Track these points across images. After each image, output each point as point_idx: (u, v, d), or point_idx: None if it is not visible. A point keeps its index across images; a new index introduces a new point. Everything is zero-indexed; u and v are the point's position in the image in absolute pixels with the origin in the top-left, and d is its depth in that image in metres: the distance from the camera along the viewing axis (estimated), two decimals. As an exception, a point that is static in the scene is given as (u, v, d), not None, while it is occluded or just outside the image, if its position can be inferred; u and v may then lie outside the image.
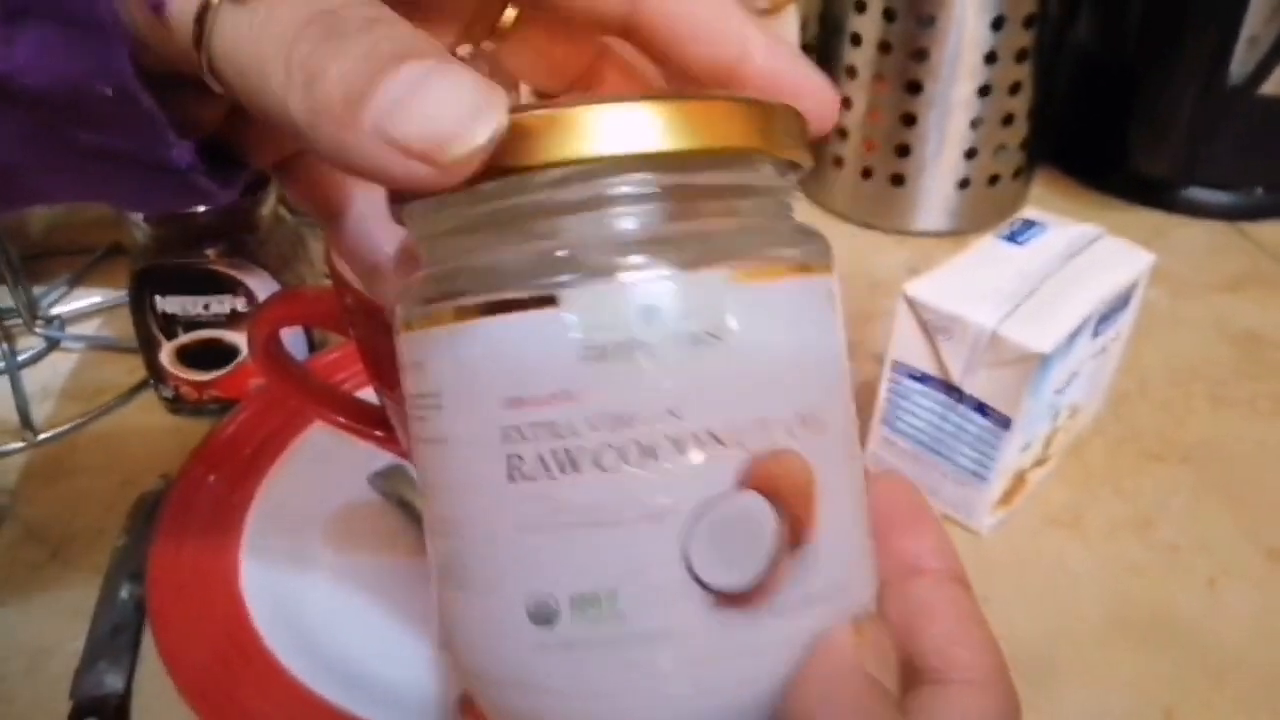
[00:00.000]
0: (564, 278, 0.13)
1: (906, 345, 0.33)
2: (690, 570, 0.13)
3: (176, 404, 0.38)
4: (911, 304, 0.32)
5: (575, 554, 0.13)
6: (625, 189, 0.13)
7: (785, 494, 0.13)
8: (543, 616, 0.13)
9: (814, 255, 0.15)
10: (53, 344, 0.42)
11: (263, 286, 0.36)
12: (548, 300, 0.13)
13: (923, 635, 0.15)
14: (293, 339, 0.37)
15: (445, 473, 0.14)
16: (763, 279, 0.14)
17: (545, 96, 0.21)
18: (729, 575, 0.13)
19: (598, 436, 0.13)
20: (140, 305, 0.36)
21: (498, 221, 0.14)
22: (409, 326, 0.14)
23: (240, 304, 0.36)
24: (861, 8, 0.49)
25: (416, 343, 0.14)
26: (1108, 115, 0.55)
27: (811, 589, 0.14)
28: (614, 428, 0.13)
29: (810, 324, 0.14)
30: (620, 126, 0.13)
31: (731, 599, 0.13)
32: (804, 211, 0.55)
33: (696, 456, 0.13)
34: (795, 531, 0.14)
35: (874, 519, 0.16)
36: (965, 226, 0.52)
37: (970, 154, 0.50)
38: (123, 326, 0.40)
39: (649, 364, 0.13)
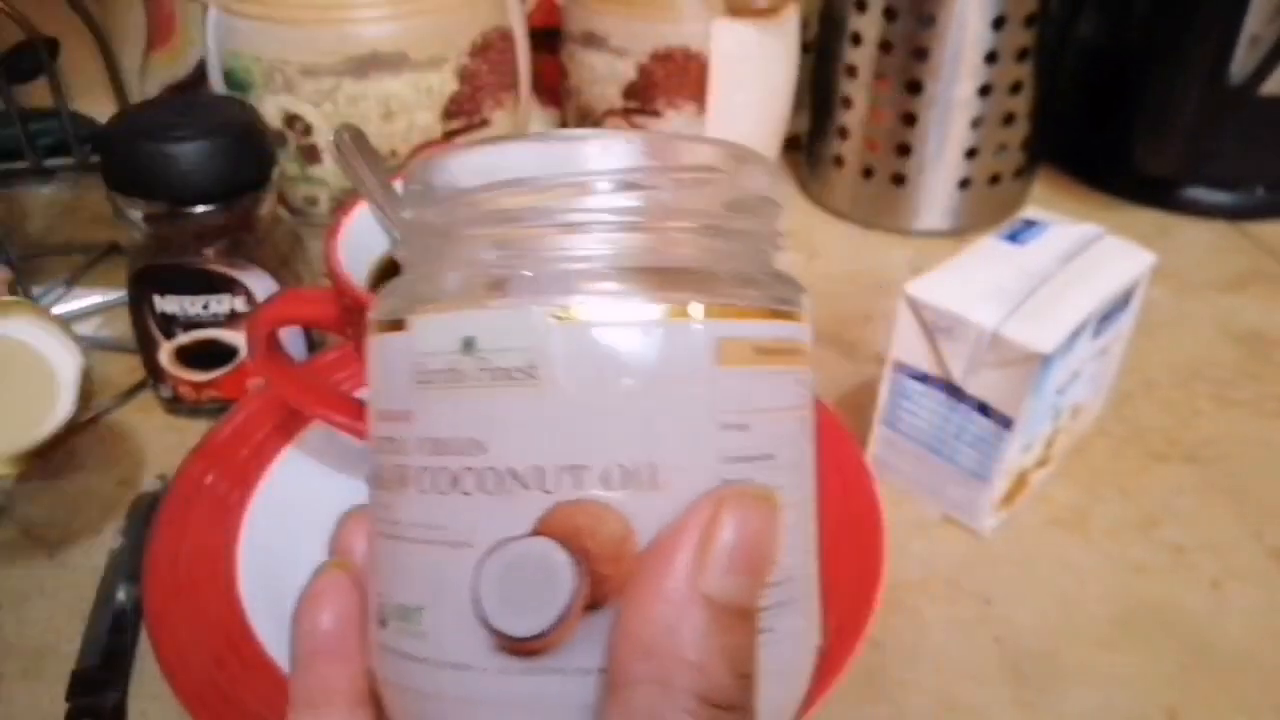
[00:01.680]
0: (417, 304, 0.14)
1: (907, 345, 0.32)
2: (477, 606, 0.13)
3: (175, 404, 0.38)
4: (912, 304, 0.32)
5: (399, 566, 0.14)
6: (465, 219, 0.14)
7: (590, 549, 0.12)
8: (378, 618, 0.14)
9: (697, 292, 0.13)
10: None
11: (261, 286, 0.36)
12: (401, 324, 0.14)
13: None
14: (291, 339, 0.37)
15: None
16: (600, 321, 0.13)
17: None
18: (512, 621, 0.13)
19: (419, 459, 0.13)
20: (139, 305, 0.36)
21: (408, 255, 0.15)
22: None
23: (239, 304, 0.36)
24: (862, 7, 0.49)
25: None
26: (1109, 115, 0.55)
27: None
28: (431, 453, 0.13)
29: (662, 374, 0.13)
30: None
31: (516, 646, 0.13)
32: (805, 212, 0.55)
33: (496, 494, 0.13)
34: (598, 591, 0.13)
35: None
36: (966, 226, 0.52)
37: (971, 153, 0.50)
38: (121, 326, 0.40)
39: (463, 394, 0.13)
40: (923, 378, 0.33)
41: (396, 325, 0.14)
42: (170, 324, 0.36)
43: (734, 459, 0.13)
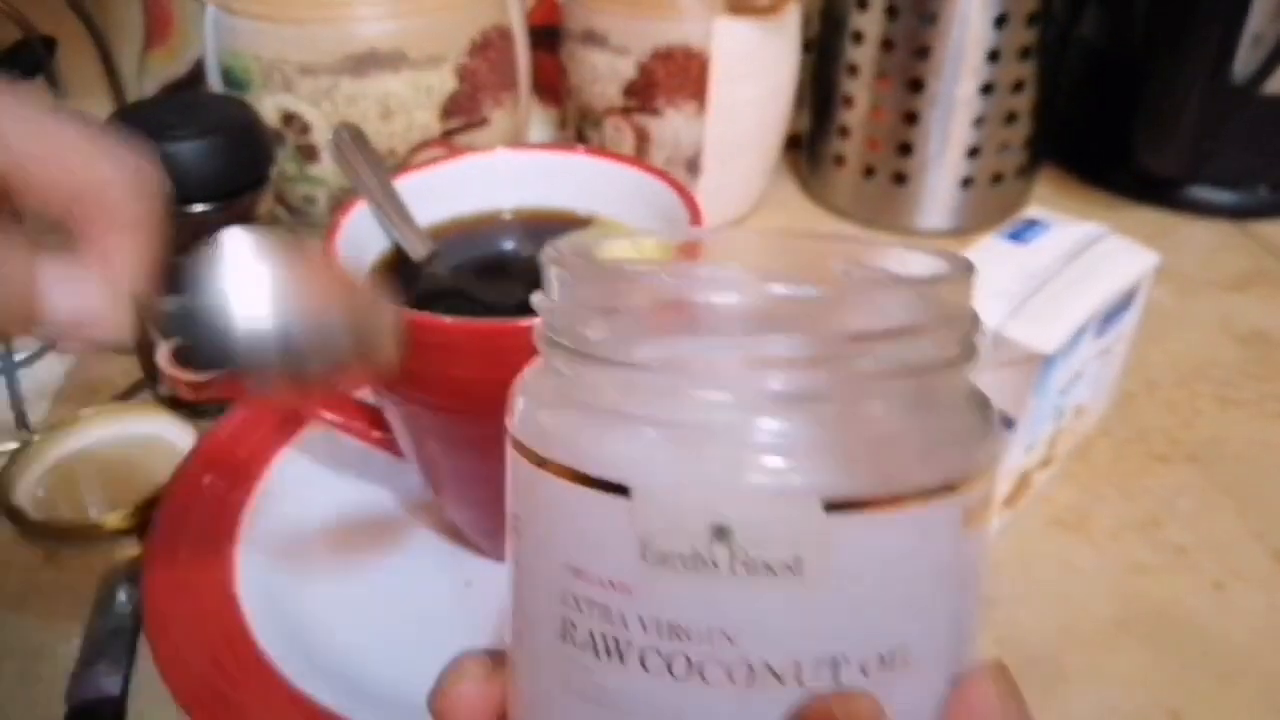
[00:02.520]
0: (644, 469, 0.12)
1: (909, 345, 0.32)
2: None
3: (174, 404, 0.38)
4: (914, 303, 0.31)
5: None
6: (731, 390, 0.12)
7: None
8: None
9: (958, 468, 0.13)
10: (49, 344, 0.42)
11: (260, 286, 0.35)
12: (621, 489, 0.12)
13: None
14: (290, 339, 0.37)
15: (516, 592, 0.14)
16: (869, 510, 0.12)
17: None
18: None
19: (647, 638, 0.12)
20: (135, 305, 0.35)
21: (597, 387, 0.13)
22: (511, 432, 0.14)
23: (237, 303, 0.35)
24: (864, 5, 0.49)
25: (510, 453, 0.14)
26: (1112, 113, 0.55)
27: None
28: (664, 635, 0.12)
29: (921, 558, 0.13)
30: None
31: None
32: (806, 211, 0.55)
33: (746, 685, 0.12)
34: None
35: None
36: (968, 225, 0.52)
37: (973, 152, 0.50)
38: (119, 326, 0.40)
39: (712, 583, 0.12)
40: (924, 378, 0.33)
41: (611, 488, 0.12)
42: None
43: (962, 618, 0.13)
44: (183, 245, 0.36)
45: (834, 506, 0.12)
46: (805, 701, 0.12)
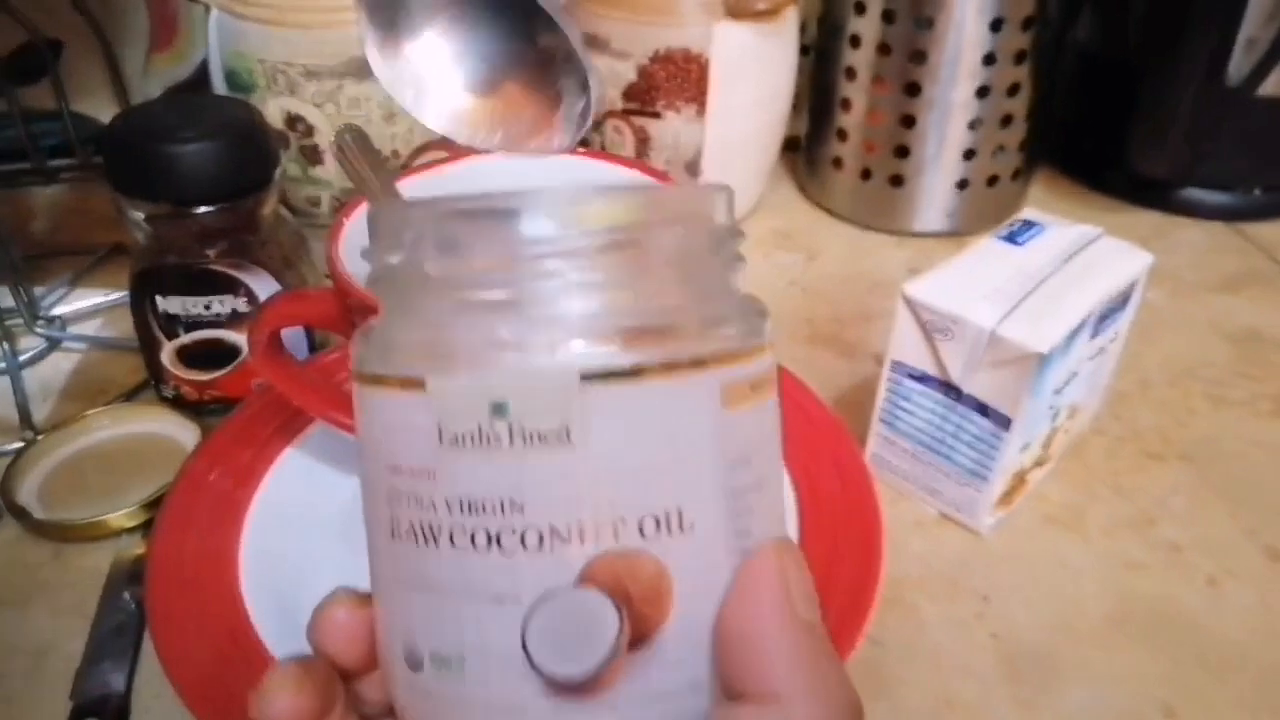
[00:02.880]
0: (434, 362, 0.14)
1: (906, 345, 0.33)
2: (527, 655, 0.14)
3: (178, 404, 0.38)
4: (911, 304, 0.32)
5: (435, 616, 0.14)
6: (498, 286, 0.14)
7: (631, 593, 0.14)
8: (411, 662, 0.15)
9: (706, 347, 0.14)
10: (54, 344, 0.42)
11: (264, 287, 0.36)
12: (418, 384, 0.14)
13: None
14: (294, 339, 0.38)
15: (364, 506, 0.16)
16: (622, 381, 0.13)
17: None
18: (563, 665, 0.14)
19: (451, 518, 0.14)
20: (141, 305, 0.36)
21: (401, 303, 0.15)
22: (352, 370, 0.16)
23: (241, 304, 0.36)
24: (861, 10, 0.49)
25: (354, 388, 0.16)
26: (1107, 116, 0.55)
27: (656, 686, 0.14)
28: (465, 512, 0.14)
29: (683, 426, 0.14)
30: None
31: (567, 687, 0.14)
32: (804, 213, 0.55)
33: (537, 549, 0.13)
34: (640, 630, 0.14)
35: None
36: (964, 227, 0.52)
37: (969, 155, 0.50)
38: (124, 326, 0.40)
39: (496, 456, 0.13)
40: (921, 377, 0.33)
41: (410, 384, 0.14)
42: (173, 324, 0.36)
43: (739, 492, 0.14)
44: (186, 246, 0.36)
45: (589, 378, 0.13)
46: (592, 561, 0.13)
